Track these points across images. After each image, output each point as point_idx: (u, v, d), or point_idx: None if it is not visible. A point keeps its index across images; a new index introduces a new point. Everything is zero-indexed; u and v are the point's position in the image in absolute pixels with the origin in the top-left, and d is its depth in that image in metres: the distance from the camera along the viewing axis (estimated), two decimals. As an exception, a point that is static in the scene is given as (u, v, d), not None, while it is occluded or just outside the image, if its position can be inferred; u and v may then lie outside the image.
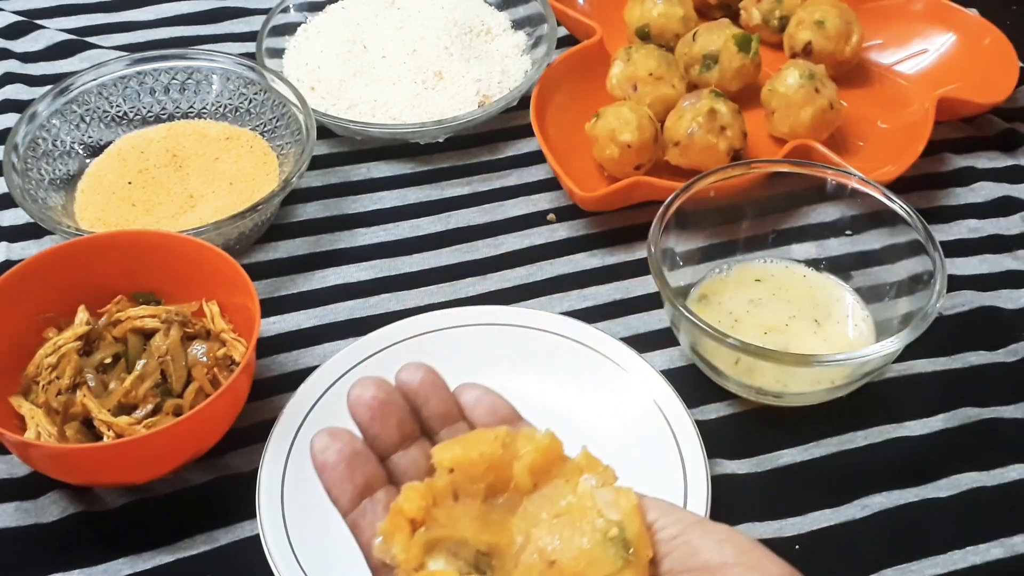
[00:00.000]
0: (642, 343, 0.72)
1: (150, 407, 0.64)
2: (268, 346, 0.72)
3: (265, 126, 0.86)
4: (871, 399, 0.69)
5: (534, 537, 0.38)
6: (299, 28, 0.96)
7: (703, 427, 0.66)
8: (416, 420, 0.43)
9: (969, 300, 0.76)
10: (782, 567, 0.37)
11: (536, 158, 0.87)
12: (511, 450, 0.39)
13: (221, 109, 0.87)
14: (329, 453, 0.40)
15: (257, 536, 0.60)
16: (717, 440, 0.66)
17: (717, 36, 0.87)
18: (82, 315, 0.68)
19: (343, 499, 0.41)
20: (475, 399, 0.43)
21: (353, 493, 0.40)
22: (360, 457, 0.41)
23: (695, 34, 0.89)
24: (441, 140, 0.88)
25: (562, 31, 0.96)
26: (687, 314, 0.64)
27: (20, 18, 1.00)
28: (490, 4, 0.98)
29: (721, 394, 0.69)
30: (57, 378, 0.65)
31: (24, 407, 0.64)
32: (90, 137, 0.84)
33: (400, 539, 0.38)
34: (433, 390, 0.43)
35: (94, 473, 0.62)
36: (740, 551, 0.37)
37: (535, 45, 0.94)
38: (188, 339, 0.67)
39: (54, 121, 0.82)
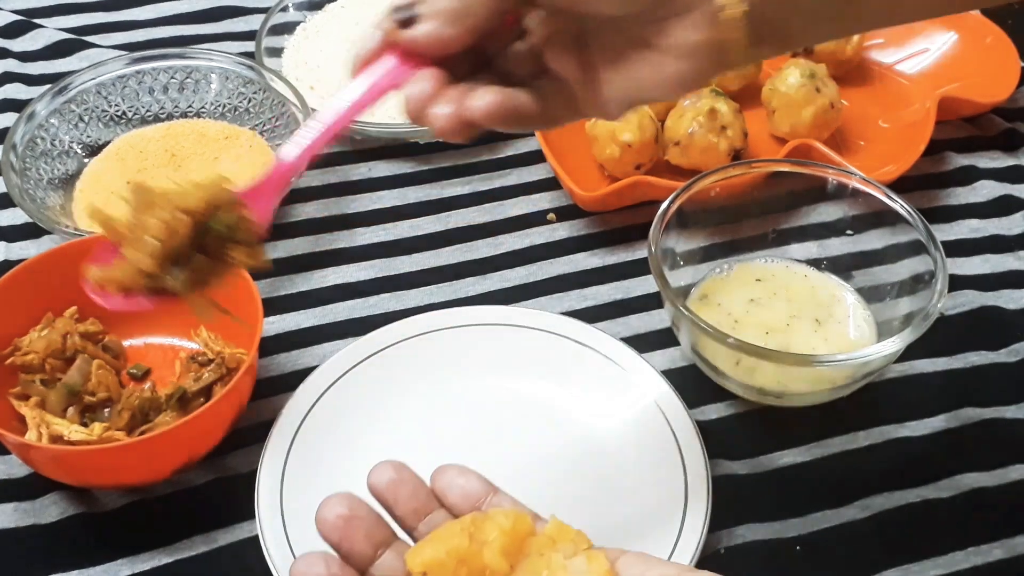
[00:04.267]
0: (642, 343, 0.71)
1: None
2: (268, 346, 0.72)
3: (264, 125, 0.85)
4: (872, 399, 0.69)
5: None
6: (298, 27, 0.95)
7: (704, 427, 0.66)
8: (386, 526, 0.44)
9: (970, 300, 0.76)
10: None
11: (536, 158, 0.87)
12: (479, 539, 0.40)
13: (220, 108, 0.87)
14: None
15: (256, 537, 0.60)
16: (718, 441, 0.66)
17: (718, 35, 0.87)
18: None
19: None
20: (447, 484, 0.44)
21: None
22: None
23: (695, 33, 0.89)
24: (441, 140, 0.88)
25: (562, 30, 0.96)
26: (688, 314, 0.64)
27: (18, 17, 1.00)
28: (490, 3, 0.98)
29: (722, 394, 0.69)
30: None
31: (24, 408, 0.64)
32: (89, 136, 0.84)
33: None
34: (401, 487, 0.44)
35: (95, 474, 0.62)
36: None
37: (535, 44, 0.93)
38: (199, 365, 0.68)
39: (52, 120, 0.82)
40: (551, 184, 0.85)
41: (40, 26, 0.99)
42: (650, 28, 0.43)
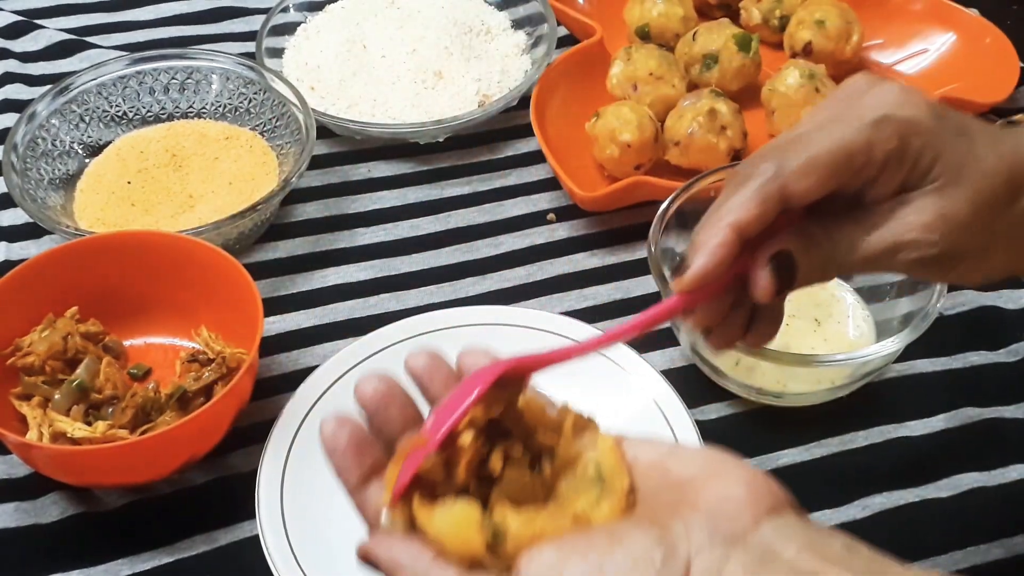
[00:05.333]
0: (642, 343, 0.71)
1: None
2: (268, 346, 0.72)
3: (265, 126, 0.85)
4: (872, 399, 0.69)
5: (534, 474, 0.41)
6: (299, 28, 0.96)
7: (703, 427, 0.66)
8: (416, 408, 0.45)
9: (970, 300, 0.76)
10: (750, 473, 0.39)
11: (536, 158, 0.87)
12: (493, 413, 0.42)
13: (221, 109, 0.87)
14: (339, 438, 0.43)
15: (257, 536, 0.60)
16: (717, 440, 0.66)
17: (717, 36, 0.87)
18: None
19: (351, 480, 0.43)
20: (474, 364, 0.45)
21: (360, 475, 0.43)
22: (367, 442, 0.43)
23: (695, 34, 0.89)
24: (441, 140, 0.88)
25: (562, 31, 0.96)
26: (687, 314, 0.64)
27: (19, 18, 1.00)
28: (490, 4, 0.98)
29: (721, 394, 0.69)
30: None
31: (25, 408, 0.64)
32: (89, 137, 0.84)
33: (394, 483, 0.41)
34: (436, 371, 0.45)
35: (95, 474, 0.62)
36: (708, 464, 0.39)
37: (535, 45, 0.93)
38: (200, 365, 0.68)
39: (53, 121, 0.82)
40: (551, 184, 0.85)
41: (41, 27, 0.99)
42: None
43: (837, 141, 0.45)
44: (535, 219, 0.83)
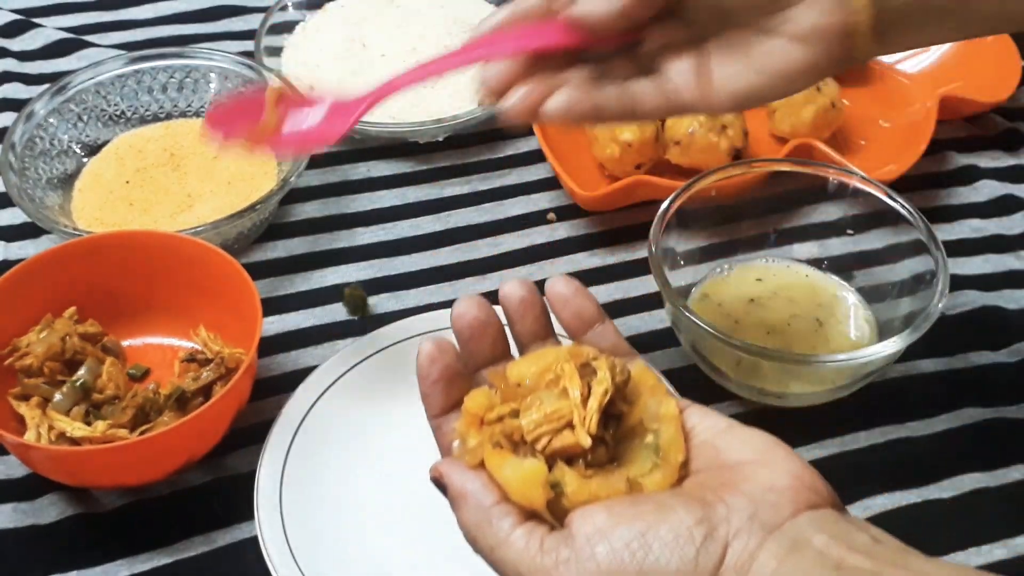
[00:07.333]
0: (642, 343, 0.71)
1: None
2: (267, 346, 0.72)
3: (264, 125, 0.85)
4: (873, 399, 0.69)
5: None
6: (298, 26, 0.95)
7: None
8: (507, 341, 0.47)
9: (972, 300, 0.75)
10: (799, 465, 0.41)
11: (536, 157, 0.87)
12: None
13: (219, 108, 0.87)
14: (434, 367, 0.45)
15: (255, 537, 0.60)
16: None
17: (718, 34, 0.87)
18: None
19: (434, 407, 0.46)
20: (563, 301, 0.48)
21: (444, 404, 0.46)
22: (459, 377, 0.46)
23: (696, 32, 0.89)
24: (441, 139, 0.88)
25: (562, 29, 0.95)
26: (688, 314, 0.64)
27: (17, 16, 0.99)
28: (490, 3, 0.98)
29: (722, 394, 0.69)
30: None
31: (24, 408, 0.64)
32: (88, 136, 0.84)
33: (470, 433, 0.43)
34: (530, 309, 0.47)
35: (94, 475, 0.62)
36: (759, 450, 0.41)
37: (535, 44, 0.93)
38: (199, 365, 0.67)
39: (51, 120, 0.82)
40: (551, 184, 0.85)
41: (39, 25, 0.99)
42: (777, 17, 0.46)
43: None
44: (535, 219, 0.82)
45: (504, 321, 0.49)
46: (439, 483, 0.43)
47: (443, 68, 0.52)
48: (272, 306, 0.74)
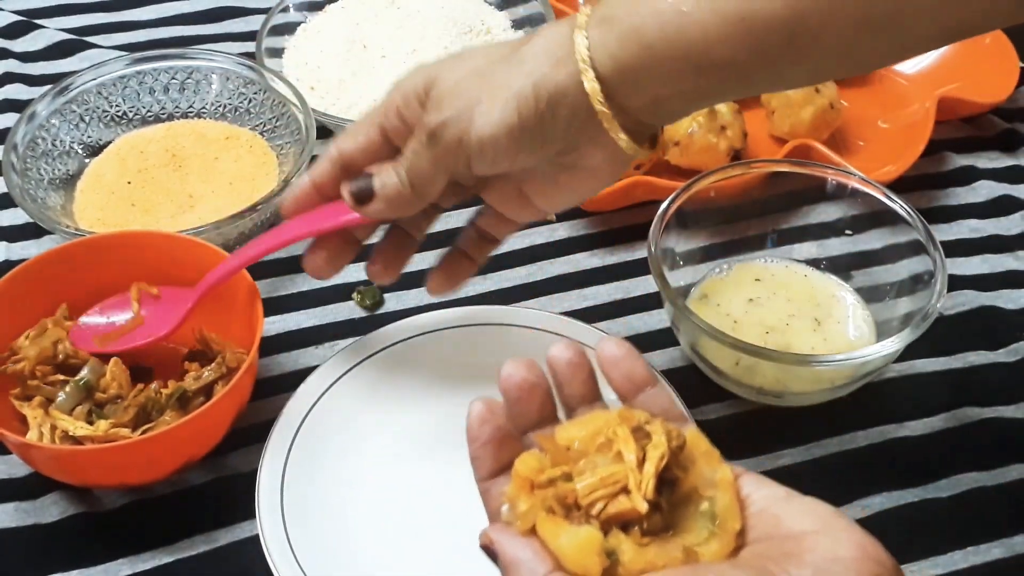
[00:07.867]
0: (642, 343, 0.71)
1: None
2: (268, 346, 0.72)
3: (265, 126, 0.85)
4: (872, 399, 0.69)
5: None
6: (299, 28, 0.96)
7: (703, 427, 0.64)
8: (554, 403, 0.46)
9: (970, 300, 0.76)
10: (862, 536, 0.39)
11: (536, 158, 0.87)
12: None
13: (220, 109, 0.87)
14: (485, 429, 0.45)
15: (257, 536, 0.60)
16: (717, 440, 0.65)
17: (717, 36, 0.87)
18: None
19: (483, 470, 0.45)
20: (613, 361, 0.46)
21: (494, 467, 0.44)
22: (509, 439, 0.45)
23: (695, 34, 0.89)
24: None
25: (562, 31, 0.96)
26: (687, 314, 0.64)
27: (19, 18, 1.00)
28: (490, 4, 0.98)
29: (721, 394, 0.69)
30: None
31: (26, 408, 0.64)
32: (89, 137, 0.84)
33: (521, 497, 0.41)
34: (579, 371, 0.46)
35: (95, 474, 0.62)
36: (821, 520, 0.40)
37: (535, 45, 0.93)
38: (199, 365, 0.67)
39: (53, 121, 0.82)
40: (551, 184, 0.85)
41: (41, 26, 0.99)
42: (571, 155, 0.54)
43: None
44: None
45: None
46: (489, 550, 0.42)
47: (257, 255, 0.64)
48: (273, 306, 0.75)
